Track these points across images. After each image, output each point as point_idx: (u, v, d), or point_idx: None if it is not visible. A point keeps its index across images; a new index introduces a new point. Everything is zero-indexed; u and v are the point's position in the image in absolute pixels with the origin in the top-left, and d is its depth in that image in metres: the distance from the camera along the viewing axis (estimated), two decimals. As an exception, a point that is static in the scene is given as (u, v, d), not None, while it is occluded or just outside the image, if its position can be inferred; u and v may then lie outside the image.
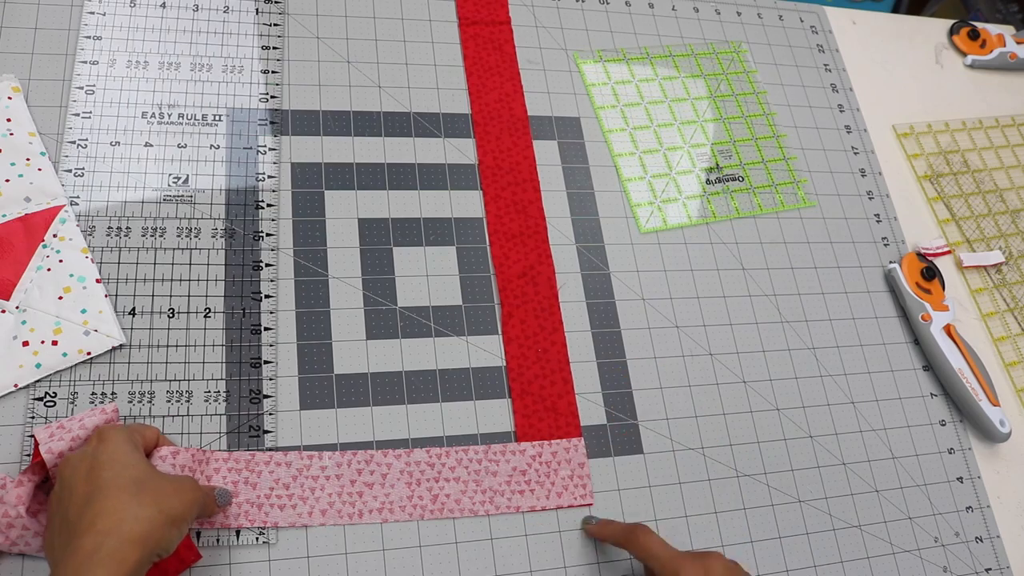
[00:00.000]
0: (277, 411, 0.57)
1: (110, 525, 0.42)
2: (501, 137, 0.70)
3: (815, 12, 0.87)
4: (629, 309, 0.67)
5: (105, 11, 0.65)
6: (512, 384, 0.62)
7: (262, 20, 0.68)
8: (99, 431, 0.48)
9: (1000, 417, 0.70)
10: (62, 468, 0.47)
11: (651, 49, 0.79)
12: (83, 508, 0.43)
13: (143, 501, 0.44)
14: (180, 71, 0.65)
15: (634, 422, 0.63)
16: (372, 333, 0.61)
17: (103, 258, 0.58)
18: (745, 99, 0.80)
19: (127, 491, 0.44)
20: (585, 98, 0.74)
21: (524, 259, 0.66)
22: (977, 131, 0.86)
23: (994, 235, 0.81)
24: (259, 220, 0.62)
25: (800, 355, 0.69)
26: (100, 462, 0.45)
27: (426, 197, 0.66)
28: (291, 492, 0.54)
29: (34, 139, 0.60)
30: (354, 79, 0.69)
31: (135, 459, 0.46)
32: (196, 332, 0.57)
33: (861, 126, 0.82)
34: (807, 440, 0.67)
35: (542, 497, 0.58)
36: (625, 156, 0.73)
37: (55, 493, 0.46)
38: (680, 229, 0.72)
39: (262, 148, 0.64)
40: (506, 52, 0.74)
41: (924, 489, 0.68)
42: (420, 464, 0.57)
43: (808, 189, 0.77)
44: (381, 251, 0.64)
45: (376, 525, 0.55)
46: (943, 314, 0.72)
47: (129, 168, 0.61)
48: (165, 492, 0.45)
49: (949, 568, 0.65)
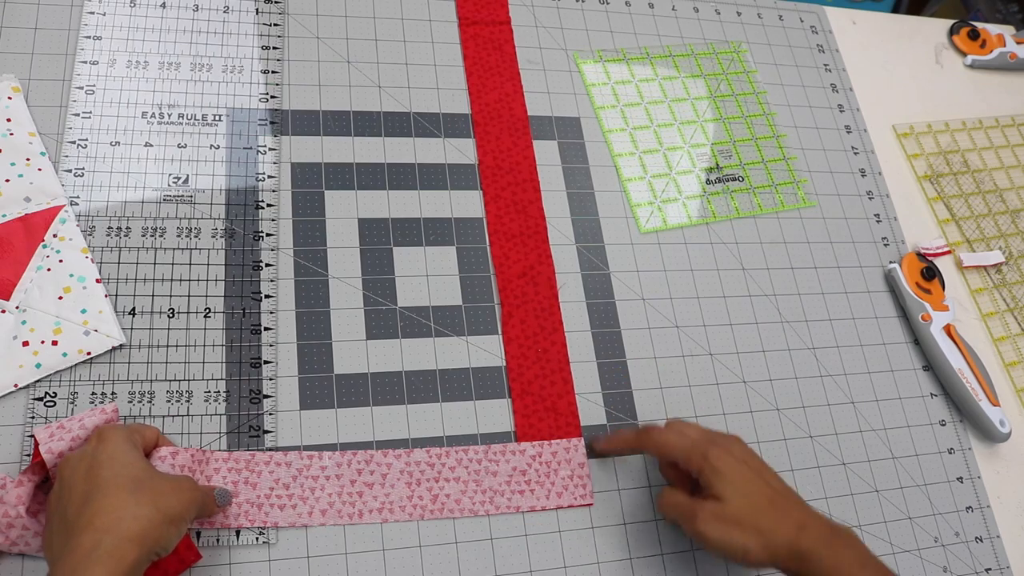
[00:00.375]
0: (277, 411, 0.57)
1: (108, 523, 0.42)
2: (501, 137, 0.70)
3: (815, 12, 0.87)
4: (629, 309, 0.67)
5: (105, 11, 0.65)
6: (512, 384, 0.62)
7: (262, 20, 0.68)
8: (99, 431, 0.48)
9: (1000, 417, 0.70)
10: (61, 467, 0.47)
11: (651, 49, 0.79)
12: (82, 506, 0.43)
13: (141, 500, 0.44)
14: (180, 71, 0.65)
15: (634, 422, 0.63)
16: (372, 333, 0.61)
17: (103, 258, 0.58)
18: (745, 99, 0.80)
19: (126, 489, 0.44)
20: (585, 98, 0.74)
21: (524, 259, 0.66)
22: (977, 131, 0.86)
23: (994, 235, 0.81)
24: (259, 220, 0.62)
25: (800, 355, 0.69)
26: (99, 461, 0.45)
27: (426, 197, 0.66)
28: (291, 492, 0.54)
29: (34, 139, 0.60)
30: (354, 79, 0.69)
31: (134, 458, 0.46)
32: (196, 332, 0.57)
33: (861, 126, 0.82)
34: (807, 440, 0.67)
35: (542, 497, 0.58)
36: (625, 156, 0.73)
37: (54, 492, 0.46)
38: (680, 229, 0.72)
39: (262, 148, 0.64)
40: (506, 52, 0.74)
41: (924, 489, 0.68)
42: (420, 464, 0.57)
43: (808, 189, 0.77)
44: (381, 251, 0.64)
45: (376, 525, 0.55)
46: (943, 314, 0.72)
47: (129, 168, 0.61)
48: (164, 491, 0.45)
49: (949, 568, 0.65)
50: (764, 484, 0.53)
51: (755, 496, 0.52)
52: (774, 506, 0.52)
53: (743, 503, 0.52)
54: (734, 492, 0.52)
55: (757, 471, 0.54)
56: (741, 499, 0.52)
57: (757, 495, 0.52)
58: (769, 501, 0.52)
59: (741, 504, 0.52)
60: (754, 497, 0.52)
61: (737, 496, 0.52)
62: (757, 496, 0.52)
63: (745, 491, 0.52)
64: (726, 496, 0.52)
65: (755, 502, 0.52)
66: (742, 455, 0.54)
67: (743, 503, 0.52)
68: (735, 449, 0.54)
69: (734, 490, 0.52)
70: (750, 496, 0.52)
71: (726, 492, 0.52)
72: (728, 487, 0.52)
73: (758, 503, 0.52)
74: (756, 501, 0.52)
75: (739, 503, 0.52)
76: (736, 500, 0.52)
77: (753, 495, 0.52)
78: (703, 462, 0.53)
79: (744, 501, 0.52)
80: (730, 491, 0.52)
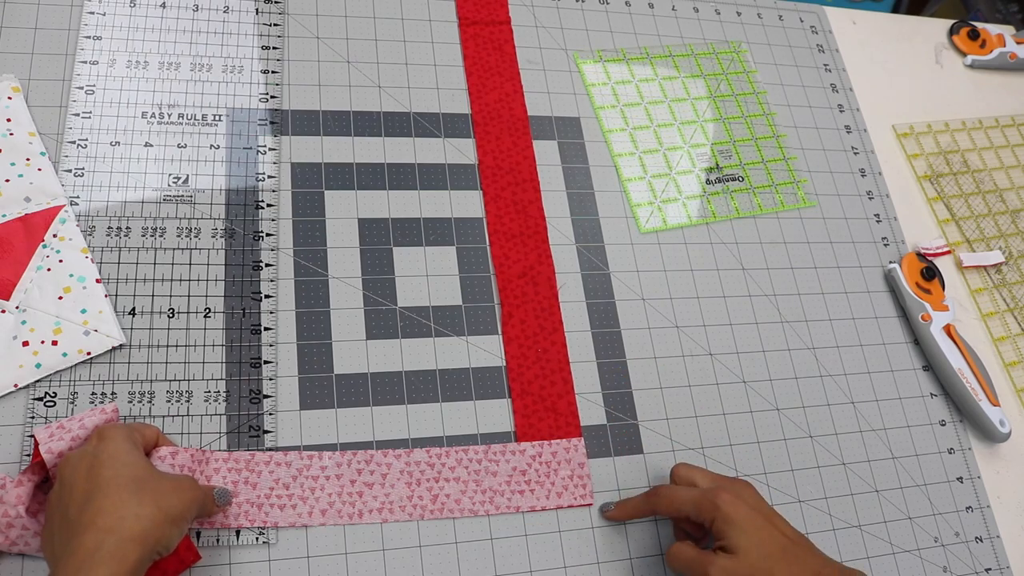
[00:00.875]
0: (277, 411, 0.57)
1: (111, 523, 0.42)
2: (501, 137, 0.70)
3: (815, 12, 0.87)
4: (629, 309, 0.67)
5: (105, 11, 0.65)
6: (512, 384, 0.62)
7: (262, 20, 0.68)
8: (99, 430, 0.48)
9: (1000, 417, 0.70)
10: (62, 467, 0.47)
11: (651, 49, 0.79)
12: (83, 506, 0.43)
13: (143, 499, 0.44)
14: (180, 71, 0.65)
15: (634, 422, 0.63)
16: (372, 333, 0.61)
17: (103, 258, 0.58)
18: (745, 99, 0.80)
19: (127, 489, 0.44)
20: (585, 98, 0.74)
21: (524, 259, 0.66)
22: (977, 131, 0.86)
23: (994, 235, 0.81)
24: (259, 220, 0.62)
25: (800, 355, 0.69)
26: (100, 460, 0.45)
27: (426, 197, 0.66)
28: (291, 492, 0.54)
29: (34, 139, 0.60)
30: (354, 79, 0.69)
31: (135, 458, 0.46)
32: (196, 332, 0.57)
33: (861, 126, 0.82)
34: (807, 440, 0.67)
35: (542, 497, 0.58)
36: (625, 156, 0.73)
37: (55, 492, 0.46)
38: (680, 229, 0.72)
39: (262, 148, 0.64)
40: (506, 52, 0.74)
41: (924, 489, 0.68)
42: (420, 464, 0.57)
43: (808, 189, 0.77)
44: (381, 251, 0.64)
45: (376, 525, 0.55)
46: (943, 314, 0.72)
47: (129, 168, 0.61)
48: (165, 490, 0.45)
49: (949, 568, 0.65)
50: (778, 533, 0.52)
51: (768, 545, 0.51)
52: (788, 555, 0.51)
53: (756, 554, 0.50)
54: (747, 542, 0.50)
55: (769, 518, 0.52)
56: (754, 550, 0.50)
57: (770, 544, 0.51)
58: (782, 550, 0.51)
59: (755, 556, 0.50)
60: (767, 546, 0.51)
61: (751, 547, 0.50)
62: (771, 545, 0.51)
63: (758, 540, 0.51)
64: (740, 547, 0.50)
65: (769, 552, 0.50)
66: (754, 502, 0.53)
67: (756, 554, 0.50)
68: (746, 495, 0.53)
69: (747, 540, 0.50)
70: (763, 545, 0.51)
71: (739, 543, 0.50)
72: (741, 537, 0.50)
73: (772, 552, 0.50)
74: (770, 551, 0.51)
75: (752, 555, 0.50)
76: (750, 551, 0.50)
77: (766, 544, 0.51)
78: (715, 511, 0.51)
79: (757, 552, 0.50)
80: (743, 541, 0.50)
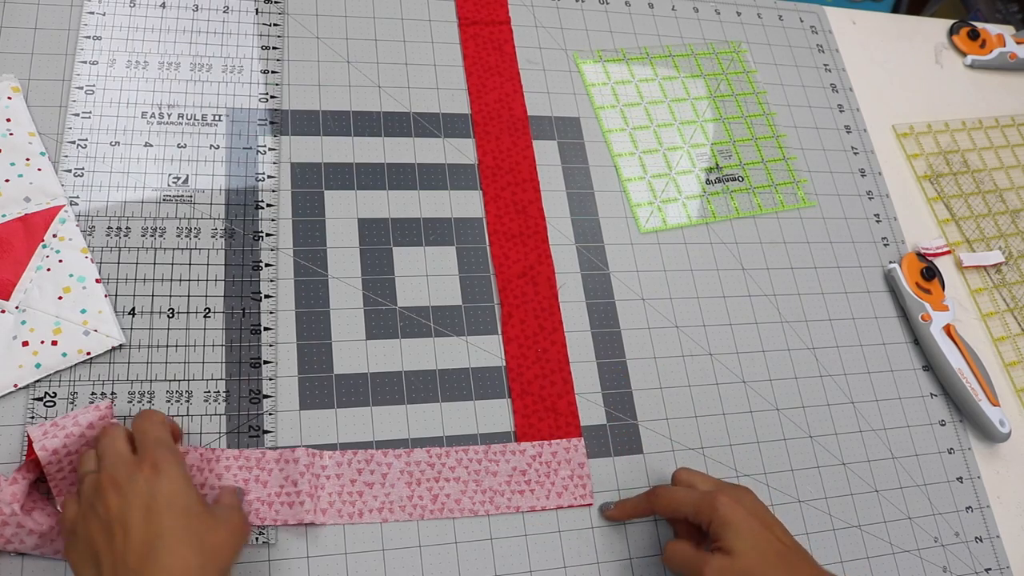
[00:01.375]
0: (277, 411, 0.57)
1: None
2: (501, 137, 0.70)
3: (815, 12, 0.87)
4: (629, 309, 0.67)
5: (105, 11, 0.65)
6: (512, 384, 0.62)
7: (262, 20, 0.68)
8: (152, 459, 0.46)
9: (1000, 417, 0.70)
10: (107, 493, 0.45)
11: (651, 49, 0.79)
12: (145, 557, 0.43)
13: (205, 560, 0.44)
14: (180, 71, 0.65)
15: (634, 422, 0.63)
16: (372, 333, 0.61)
17: (103, 258, 0.58)
18: (745, 99, 0.80)
19: (189, 546, 0.44)
20: (585, 98, 0.74)
21: (524, 259, 0.66)
22: (977, 131, 0.86)
23: (994, 235, 0.81)
24: (259, 220, 0.62)
25: (800, 355, 0.69)
26: (159, 503, 0.44)
27: (426, 197, 0.66)
28: (299, 489, 0.54)
29: (34, 139, 0.60)
30: (354, 79, 0.69)
31: (192, 499, 0.46)
32: (196, 332, 0.57)
33: (861, 126, 0.82)
34: (807, 440, 0.67)
35: (542, 497, 0.58)
36: (625, 156, 0.73)
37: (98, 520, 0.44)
38: (680, 229, 0.72)
39: (262, 148, 0.64)
40: (506, 52, 0.74)
41: (924, 489, 0.68)
42: (420, 464, 0.57)
43: (808, 189, 0.77)
44: (381, 251, 0.64)
45: (376, 525, 0.55)
46: (943, 314, 0.72)
47: (129, 168, 0.61)
48: (223, 545, 0.46)
49: (949, 568, 0.65)
50: (774, 538, 0.52)
51: (765, 550, 0.50)
52: (783, 561, 0.51)
53: (753, 556, 0.50)
54: (743, 544, 0.50)
55: (767, 525, 0.52)
56: (751, 552, 0.50)
57: (767, 549, 0.51)
58: (778, 555, 0.51)
59: (751, 558, 0.50)
60: (764, 551, 0.50)
61: (747, 549, 0.50)
62: (767, 550, 0.51)
63: (754, 543, 0.50)
64: (735, 549, 0.50)
65: (765, 556, 0.50)
66: (753, 507, 0.53)
67: (753, 556, 0.50)
68: (745, 500, 0.53)
69: (743, 542, 0.50)
70: (759, 549, 0.50)
71: (735, 545, 0.50)
72: (737, 540, 0.50)
73: (768, 557, 0.50)
74: (766, 555, 0.50)
75: (749, 557, 0.50)
76: (746, 554, 0.50)
77: (763, 548, 0.50)
78: (713, 513, 0.51)
79: (754, 554, 0.50)
80: (739, 544, 0.50)
